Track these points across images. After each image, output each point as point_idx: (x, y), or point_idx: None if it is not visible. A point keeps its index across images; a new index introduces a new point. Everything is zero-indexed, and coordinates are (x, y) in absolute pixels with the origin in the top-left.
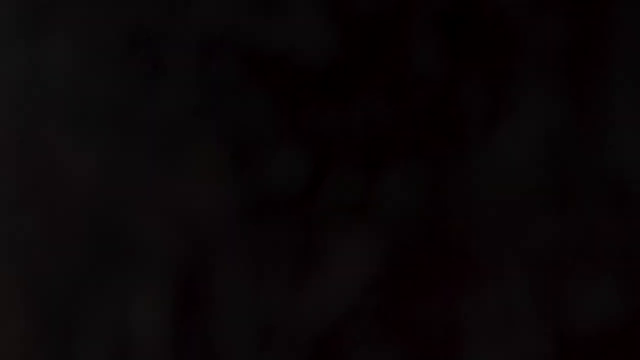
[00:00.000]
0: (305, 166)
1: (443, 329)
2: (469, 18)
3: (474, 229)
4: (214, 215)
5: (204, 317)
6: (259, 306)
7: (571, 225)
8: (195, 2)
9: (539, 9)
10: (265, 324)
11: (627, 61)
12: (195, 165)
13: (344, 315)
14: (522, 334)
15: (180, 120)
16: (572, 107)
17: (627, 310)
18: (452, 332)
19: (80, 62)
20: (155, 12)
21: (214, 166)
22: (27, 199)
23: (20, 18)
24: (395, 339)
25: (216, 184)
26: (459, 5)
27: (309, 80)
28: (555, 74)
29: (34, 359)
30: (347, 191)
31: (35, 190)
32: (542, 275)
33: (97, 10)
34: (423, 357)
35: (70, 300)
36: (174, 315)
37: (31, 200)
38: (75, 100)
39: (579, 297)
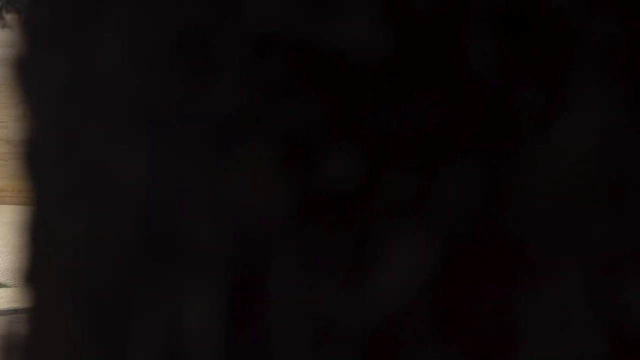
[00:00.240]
0: (360, 166)
1: (498, 328)
2: (525, 17)
3: (529, 227)
4: (267, 214)
5: (257, 317)
6: (312, 306)
7: (628, 223)
8: (246, 1)
9: (594, 8)
10: (319, 324)
11: None
12: (248, 165)
13: (398, 314)
14: (578, 334)
15: (232, 119)
16: (628, 106)
17: None
18: (507, 331)
19: (128, 62)
20: (205, 10)
21: (267, 166)
22: (76, 198)
23: (67, 16)
24: (450, 339)
25: (269, 184)
26: (515, 4)
27: (363, 80)
28: (611, 73)
29: (84, 358)
30: (402, 190)
31: (85, 189)
32: (598, 274)
33: (146, 9)
34: (478, 356)
35: (121, 300)
36: (227, 315)
37: (80, 200)
38: (123, 100)
39: (636, 297)
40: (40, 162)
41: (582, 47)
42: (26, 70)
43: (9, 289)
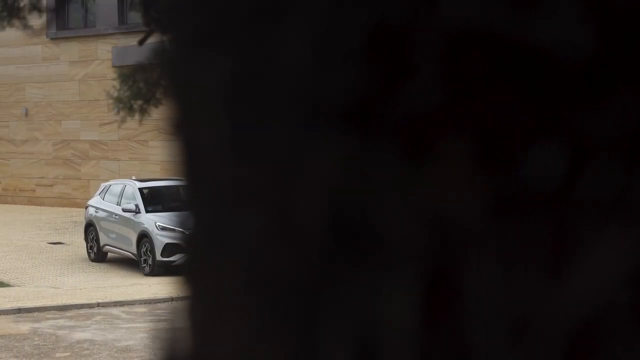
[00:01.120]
0: (561, 162)
1: None
2: None
3: None
4: (464, 210)
5: (453, 312)
6: (510, 302)
7: None
8: None
9: None
10: (516, 320)
11: None
12: (445, 161)
13: (598, 311)
14: None
15: (428, 116)
16: None
17: None
18: None
19: (316, 60)
20: (399, 7)
21: (464, 162)
22: (250, 197)
23: (253, 11)
24: None
25: (466, 180)
26: None
27: (564, 76)
28: None
29: (273, 353)
30: (604, 186)
31: (262, 188)
32: None
33: (337, 5)
34: None
35: (310, 295)
36: (423, 310)
37: (256, 198)
38: (310, 98)
39: None
40: (202, 163)
41: None
42: (183, 73)
43: (11, 288)
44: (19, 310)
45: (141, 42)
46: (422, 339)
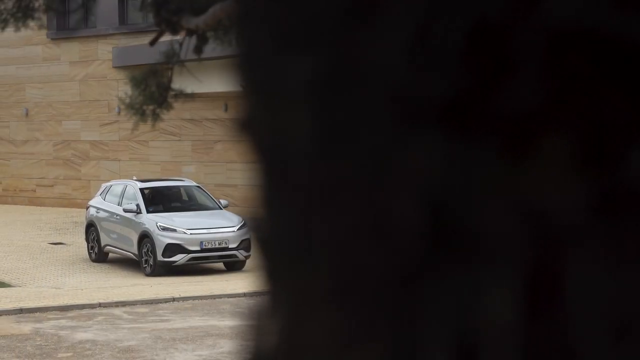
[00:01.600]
0: None
1: None
2: None
3: None
4: (566, 209)
5: (555, 311)
6: (613, 299)
7: None
8: None
9: None
10: (620, 318)
11: None
12: (546, 159)
13: None
14: None
15: (529, 114)
16: None
17: None
18: None
19: (415, 57)
20: (501, 5)
21: (566, 160)
22: (352, 193)
23: (342, 10)
24: None
25: (568, 178)
26: None
27: None
28: None
29: (369, 353)
30: None
31: (352, 185)
32: None
33: (437, 4)
34: None
35: (407, 293)
36: (525, 309)
37: (357, 195)
38: (407, 95)
39: None
40: (287, 163)
41: None
42: (266, 73)
43: (12, 288)
44: (20, 311)
45: (152, 43)
46: (524, 336)
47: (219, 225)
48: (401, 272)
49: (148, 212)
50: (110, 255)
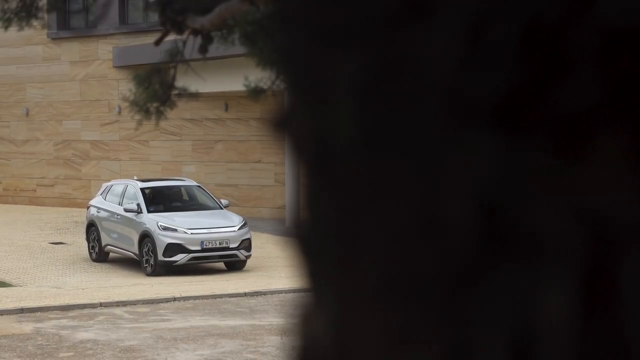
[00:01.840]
0: None
1: None
2: None
3: None
4: (621, 208)
5: (613, 311)
6: None
7: None
8: None
9: None
10: None
11: None
12: (601, 158)
13: None
14: None
15: (584, 114)
16: None
17: None
18: None
19: (468, 57)
20: (555, 4)
21: (621, 158)
22: (402, 191)
23: (393, 9)
24: None
25: (622, 176)
26: None
27: None
28: None
29: (423, 351)
30: None
31: (417, 183)
32: None
33: (490, 2)
34: None
35: (461, 292)
36: (581, 308)
37: (407, 193)
38: (460, 94)
39: None
40: (333, 160)
41: None
42: (313, 69)
43: (13, 288)
44: (21, 310)
45: (157, 43)
46: (580, 335)
47: (220, 225)
48: (455, 272)
49: (149, 211)
50: (111, 255)
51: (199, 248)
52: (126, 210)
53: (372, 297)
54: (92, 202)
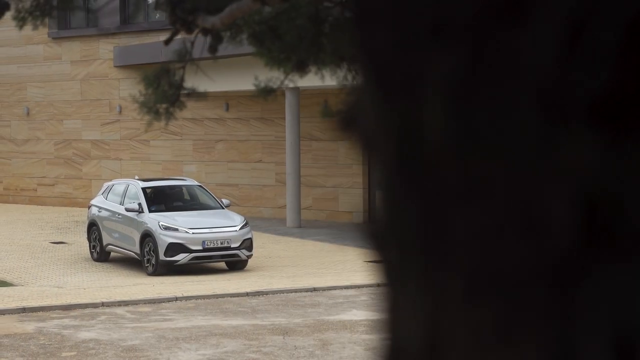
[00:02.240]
0: None
1: None
2: None
3: None
4: None
5: None
6: None
7: None
8: None
9: None
10: None
11: None
12: None
13: None
14: None
15: None
16: None
17: None
18: None
19: (569, 55)
20: None
21: None
22: (500, 189)
23: (492, 7)
24: None
25: None
26: None
27: None
28: None
29: (523, 350)
30: None
31: (515, 181)
32: None
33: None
34: None
35: (562, 291)
36: None
37: (504, 191)
38: (561, 92)
39: None
40: (423, 159)
41: None
42: (401, 67)
43: (15, 287)
44: (23, 310)
45: (167, 42)
46: None
47: (221, 225)
48: (557, 270)
49: (150, 211)
50: (112, 254)
51: (200, 248)
52: (127, 210)
53: (464, 296)
54: (93, 202)
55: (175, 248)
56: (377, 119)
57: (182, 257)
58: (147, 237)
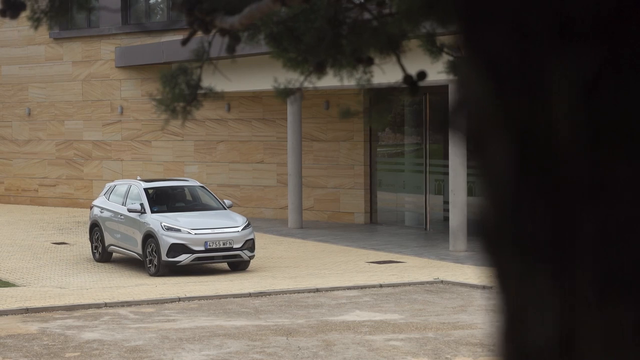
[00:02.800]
0: None
1: None
2: None
3: None
4: None
5: None
6: None
7: None
8: None
9: None
10: None
11: None
12: None
13: None
14: None
15: None
16: None
17: None
18: None
19: None
20: None
21: None
22: (635, 189)
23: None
24: None
25: None
26: None
27: None
28: None
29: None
30: None
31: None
32: None
33: None
34: None
35: None
36: None
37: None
38: None
39: None
40: (546, 154)
41: None
42: (525, 66)
43: (17, 288)
44: (26, 310)
45: (184, 42)
46: None
47: (223, 226)
48: None
49: (152, 212)
50: (114, 255)
51: (202, 248)
52: (130, 211)
53: (598, 298)
54: (95, 202)
55: (177, 249)
56: (493, 119)
57: (184, 258)
58: (149, 237)
